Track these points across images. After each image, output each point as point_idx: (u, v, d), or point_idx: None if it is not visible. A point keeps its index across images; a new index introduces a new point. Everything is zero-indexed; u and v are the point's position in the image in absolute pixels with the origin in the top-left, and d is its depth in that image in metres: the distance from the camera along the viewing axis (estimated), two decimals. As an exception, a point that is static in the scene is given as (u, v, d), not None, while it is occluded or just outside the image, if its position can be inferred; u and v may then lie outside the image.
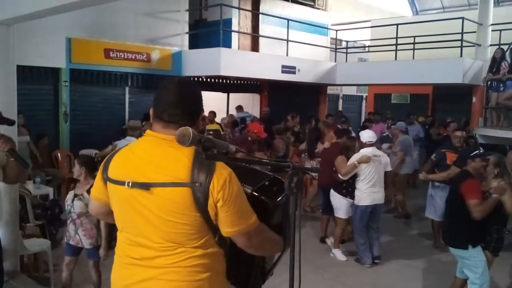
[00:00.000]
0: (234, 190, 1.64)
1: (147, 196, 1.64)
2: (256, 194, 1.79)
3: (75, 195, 3.89)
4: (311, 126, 9.54)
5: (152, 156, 1.68)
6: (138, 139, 1.87)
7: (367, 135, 5.55)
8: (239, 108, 11.24)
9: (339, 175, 5.44)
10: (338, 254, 5.69)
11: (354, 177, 5.39)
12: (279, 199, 1.83)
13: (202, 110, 1.83)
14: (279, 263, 2.11)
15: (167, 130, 1.70)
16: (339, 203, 5.66)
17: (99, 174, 1.82)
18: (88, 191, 3.89)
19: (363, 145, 5.50)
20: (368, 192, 5.33)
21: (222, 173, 1.63)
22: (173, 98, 1.72)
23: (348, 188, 5.53)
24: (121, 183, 1.68)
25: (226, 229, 1.67)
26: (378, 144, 6.75)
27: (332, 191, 5.72)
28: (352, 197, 5.49)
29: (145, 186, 1.64)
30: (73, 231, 3.89)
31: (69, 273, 3.98)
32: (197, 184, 1.60)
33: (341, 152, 5.66)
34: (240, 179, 1.71)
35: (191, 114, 1.73)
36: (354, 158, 5.37)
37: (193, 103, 1.77)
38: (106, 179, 1.76)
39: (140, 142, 1.78)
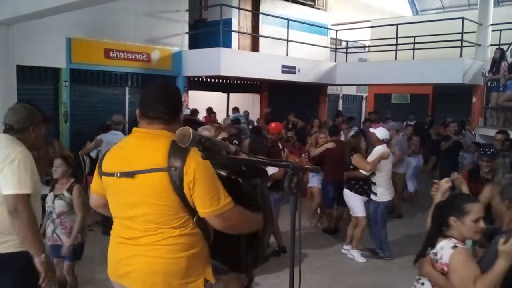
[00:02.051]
0: (206, 173, 1.83)
1: (132, 183, 1.88)
2: (232, 176, 1.94)
3: (56, 196, 3.85)
4: (312, 126, 9.53)
5: (137, 148, 1.93)
6: (127, 136, 2.10)
7: (384, 133, 5.66)
8: (235, 110, 11.26)
9: (362, 172, 5.48)
10: (357, 255, 5.61)
11: (370, 174, 5.53)
12: (252, 180, 1.97)
13: (182, 108, 2.05)
14: (279, 263, 2.12)
15: (151, 125, 1.94)
16: (356, 202, 5.63)
17: (96, 170, 2.07)
18: (68, 190, 3.87)
19: (379, 142, 5.59)
20: (389, 187, 5.56)
21: (195, 157, 1.81)
22: (157, 97, 1.97)
23: (364, 186, 5.58)
24: (112, 174, 1.94)
25: (201, 210, 1.85)
26: None
27: (347, 191, 5.69)
28: (368, 195, 5.55)
29: (130, 174, 1.88)
30: (51, 231, 3.85)
31: (61, 272, 3.96)
32: (172, 168, 1.81)
33: (352, 151, 5.67)
34: (221, 166, 1.92)
35: (173, 111, 1.97)
36: (375, 154, 5.47)
37: (174, 102, 2.02)
38: (101, 173, 2.02)
39: (128, 138, 2.05)
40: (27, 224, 2.43)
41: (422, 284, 2.49)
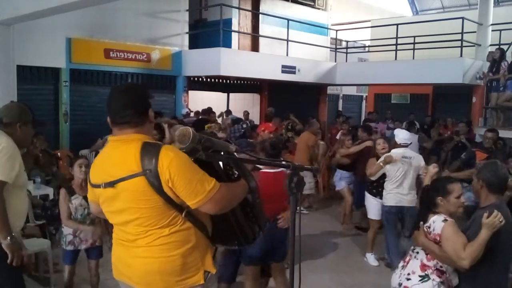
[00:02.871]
0: (182, 166, 1.83)
1: (115, 192, 1.90)
2: (203, 159, 1.93)
3: (84, 197, 3.76)
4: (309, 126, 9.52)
5: (113, 157, 1.94)
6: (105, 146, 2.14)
7: (402, 136, 5.38)
8: (228, 112, 11.25)
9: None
10: (371, 258, 5.56)
11: (384, 177, 5.31)
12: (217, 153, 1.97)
13: (149, 106, 2.01)
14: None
15: (122, 131, 1.94)
16: (370, 204, 5.62)
17: (88, 180, 2.10)
18: None
19: (396, 146, 5.36)
20: (394, 192, 5.15)
21: (167, 154, 1.82)
22: (121, 102, 1.95)
23: (378, 188, 5.46)
24: (98, 186, 1.97)
25: (190, 202, 1.86)
26: None
27: (365, 192, 5.72)
28: (381, 196, 5.39)
29: (112, 184, 1.89)
30: (91, 232, 3.85)
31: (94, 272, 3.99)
32: (147, 171, 1.81)
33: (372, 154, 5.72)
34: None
35: (140, 112, 1.95)
36: (382, 158, 5.29)
37: (140, 102, 1.98)
38: (91, 185, 2.06)
39: (106, 147, 2.07)
40: None
41: (417, 253, 2.92)
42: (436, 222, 2.78)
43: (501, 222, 2.54)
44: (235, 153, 2.01)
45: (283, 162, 2.24)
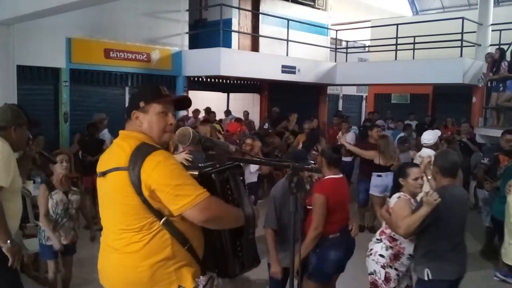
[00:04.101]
0: (167, 171, 1.77)
1: (104, 182, 1.91)
2: (202, 173, 1.89)
3: (65, 192, 3.84)
4: (311, 127, 9.52)
5: (112, 149, 1.96)
6: None
7: (423, 137, 5.59)
8: (228, 113, 11.24)
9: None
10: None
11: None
12: (221, 170, 1.90)
13: (136, 107, 1.96)
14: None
15: (127, 127, 1.98)
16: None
17: None
18: (73, 184, 3.96)
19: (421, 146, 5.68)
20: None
21: (155, 158, 1.79)
22: (129, 100, 2.09)
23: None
24: (97, 175, 1.97)
25: (172, 208, 1.77)
26: None
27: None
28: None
29: (103, 174, 1.90)
30: (70, 227, 3.87)
31: (68, 269, 3.98)
32: (131, 167, 1.79)
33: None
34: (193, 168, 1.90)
35: (128, 111, 1.98)
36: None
37: (129, 104, 2.03)
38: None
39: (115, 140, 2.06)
40: None
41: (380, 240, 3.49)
42: (393, 198, 3.37)
43: (436, 201, 2.94)
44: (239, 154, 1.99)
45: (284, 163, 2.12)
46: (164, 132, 1.94)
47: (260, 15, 11.71)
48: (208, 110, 10.43)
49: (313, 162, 3.77)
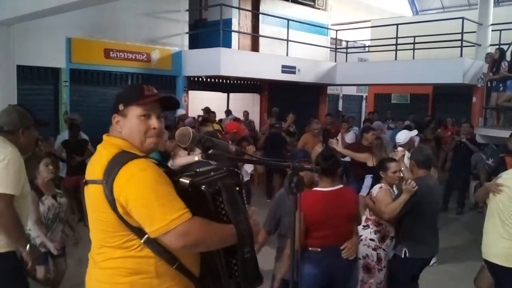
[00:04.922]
0: (142, 185, 1.56)
1: (87, 193, 1.73)
2: (193, 183, 1.66)
3: (54, 196, 3.77)
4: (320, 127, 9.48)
5: (95, 155, 1.76)
6: None
7: (398, 136, 5.70)
8: (228, 113, 11.25)
9: None
10: None
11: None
12: (213, 181, 1.68)
13: (115, 110, 1.79)
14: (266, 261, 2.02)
15: (110, 131, 1.80)
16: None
17: None
18: (58, 187, 3.90)
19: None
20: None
21: (128, 170, 1.58)
22: None
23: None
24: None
25: (147, 230, 1.58)
26: None
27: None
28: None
29: (86, 183, 1.73)
30: (61, 231, 3.84)
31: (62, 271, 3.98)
32: (105, 181, 1.60)
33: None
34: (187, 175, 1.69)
35: (111, 115, 1.80)
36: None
37: (112, 106, 1.82)
38: None
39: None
40: (10, 224, 2.55)
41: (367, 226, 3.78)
42: (375, 189, 3.83)
43: (414, 188, 3.40)
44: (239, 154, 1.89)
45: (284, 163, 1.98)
46: (146, 137, 1.74)
47: (260, 15, 11.71)
48: (207, 110, 10.43)
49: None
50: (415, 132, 5.96)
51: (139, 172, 1.58)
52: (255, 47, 11.85)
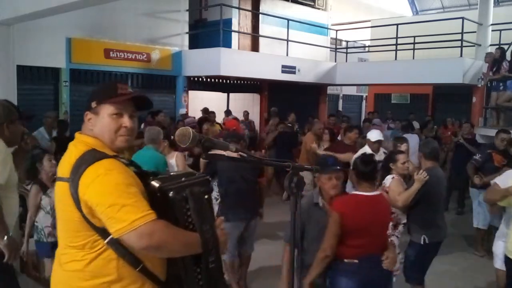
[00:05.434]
0: (105, 187, 1.55)
1: (55, 191, 1.73)
2: (161, 188, 1.64)
3: (46, 189, 3.86)
4: (310, 127, 9.53)
5: (66, 153, 1.74)
6: None
7: (368, 135, 5.77)
8: (228, 113, 11.25)
9: None
10: None
11: None
12: (181, 187, 1.65)
13: (88, 108, 1.82)
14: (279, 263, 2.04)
15: (82, 129, 1.80)
16: None
17: None
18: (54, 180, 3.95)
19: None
20: None
21: (95, 170, 1.57)
22: None
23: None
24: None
25: (110, 230, 1.56)
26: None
27: None
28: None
29: (55, 181, 1.73)
30: (52, 224, 3.85)
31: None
32: (71, 179, 1.60)
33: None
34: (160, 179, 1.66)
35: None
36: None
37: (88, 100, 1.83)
38: None
39: None
40: None
41: None
42: (387, 179, 4.02)
43: (425, 178, 3.74)
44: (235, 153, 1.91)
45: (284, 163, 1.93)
46: (117, 135, 1.72)
47: (260, 15, 11.71)
48: (206, 111, 10.44)
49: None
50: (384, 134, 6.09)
51: (105, 173, 1.57)
52: (255, 47, 11.85)
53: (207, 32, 10.85)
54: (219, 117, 10.62)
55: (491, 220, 5.62)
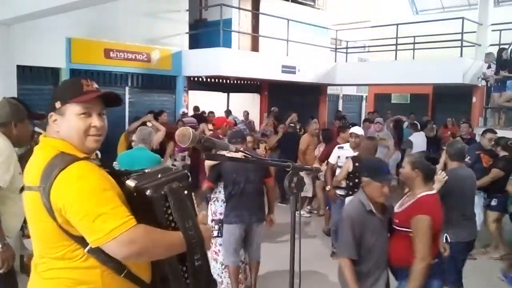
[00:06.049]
0: (82, 192, 1.46)
1: (24, 201, 1.61)
2: (137, 188, 1.55)
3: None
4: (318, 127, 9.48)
5: (31, 158, 1.63)
6: None
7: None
8: (228, 112, 11.24)
9: None
10: None
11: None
12: (159, 185, 1.56)
13: (51, 109, 1.66)
14: (280, 262, 2.04)
15: (47, 130, 1.68)
16: None
17: None
18: None
19: None
20: None
21: (67, 175, 1.48)
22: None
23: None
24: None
25: (88, 240, 1.48)
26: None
27: None
28: None
29: (22, 190, 1.60)
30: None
31: None
32: (42, 188, 1.49)
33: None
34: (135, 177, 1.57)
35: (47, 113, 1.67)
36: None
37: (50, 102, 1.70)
38: None
39: None
40: None
41: None
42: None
43: (444, 178, 3.84)
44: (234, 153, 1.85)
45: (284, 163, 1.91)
46: (87, 136, 1.62)
47: (260, 15, 11.71)
48: (196, 108, 10.46)
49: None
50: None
51: (78, 179, 1.47)
52: (255, 47, 11.85)
53: (207, 32, 10.85)
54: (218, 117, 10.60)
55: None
